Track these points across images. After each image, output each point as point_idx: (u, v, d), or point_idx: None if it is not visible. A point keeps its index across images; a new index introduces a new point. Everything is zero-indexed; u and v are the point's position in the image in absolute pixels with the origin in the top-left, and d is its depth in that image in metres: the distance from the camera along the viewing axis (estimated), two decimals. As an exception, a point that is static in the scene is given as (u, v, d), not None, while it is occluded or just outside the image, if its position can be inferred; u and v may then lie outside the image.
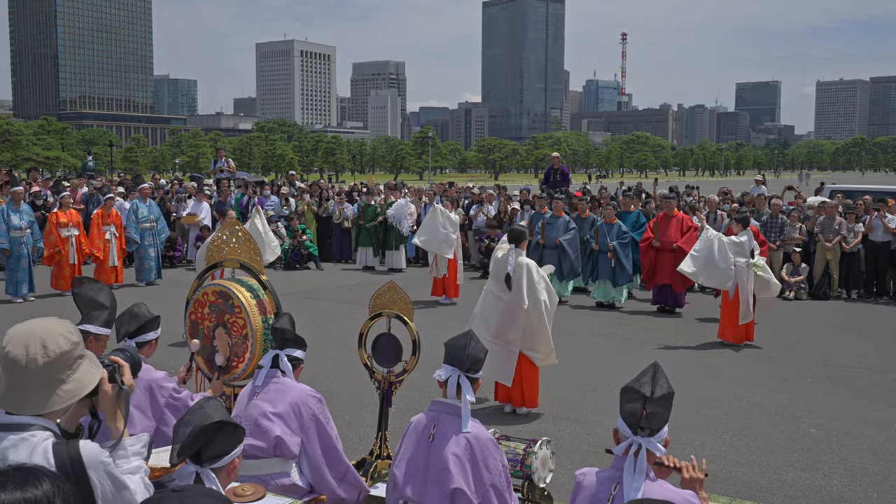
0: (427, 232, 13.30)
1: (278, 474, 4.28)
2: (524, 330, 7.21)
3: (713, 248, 10.52)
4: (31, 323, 2.23)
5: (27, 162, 70.84)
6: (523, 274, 7.14)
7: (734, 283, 10.38)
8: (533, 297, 7.15)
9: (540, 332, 7.25)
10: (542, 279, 7.30)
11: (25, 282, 13.19)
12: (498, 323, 7.24)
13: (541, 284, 7.24)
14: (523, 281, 7.13)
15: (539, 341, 7.28)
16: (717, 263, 10.47)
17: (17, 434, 2.13)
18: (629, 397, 3.07)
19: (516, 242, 7.33)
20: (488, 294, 7.41)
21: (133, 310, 4.48)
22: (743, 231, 10.60)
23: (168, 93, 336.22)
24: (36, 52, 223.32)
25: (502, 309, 7.24)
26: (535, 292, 7.17)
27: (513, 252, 7.26)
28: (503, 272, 7.22)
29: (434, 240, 13.18)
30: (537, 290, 7.19)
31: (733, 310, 10.42)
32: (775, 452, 6.55)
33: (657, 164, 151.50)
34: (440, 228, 13.10)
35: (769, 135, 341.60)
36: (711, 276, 10.71)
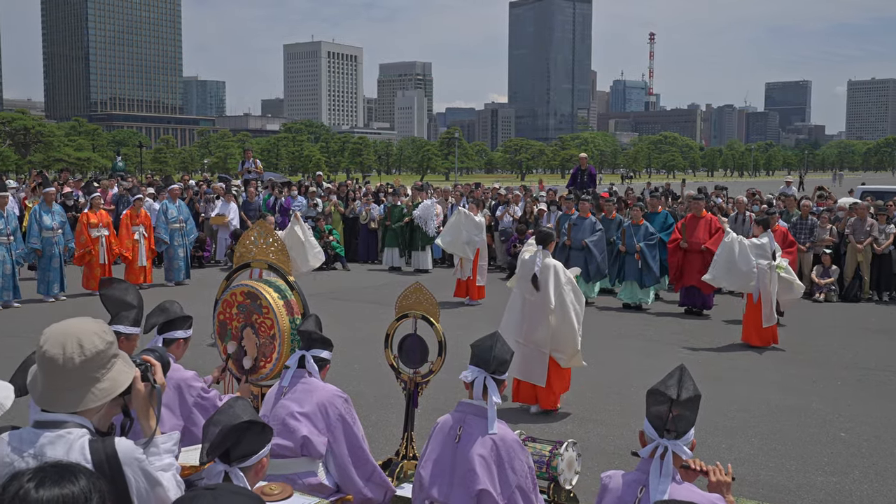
0: (450, 234, 13.34)
1: (305, 474, 4.31)
2: (552, 331, 7.26)
3: (734, 252, 10.45)
4: (66, 322, 2.27)
5: (59, 163, 71.75)
6: (550, 275, 7.21)
7: (757, 286, 10.31)
8: (559, 298, 7.21)
9: (566, 333, 7.28)
10: (570, 281, 7.37)
11: (57, 281, 13.38)
12: (527, 324, 7.32)
13: (568, 286, 7.31)
14: (550, 282, 7.19)
15: (564, 342, 7.32)
16: (739, 266, 10.39)
17: (53, 431, 2.17)
18: (655, 400, 3.06)
19: (543, 244, 7.40)
20: (516, 295, 7.50)
21: (164, 305, 4.55)
22: (764, 233, 10.58)
23: (197, 94, 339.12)
24: (67, 54, 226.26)
25: (530, 310, 7.32)
26: (561, 293, 7.23)
27: (540, 253, 7.33)
28: (530, 273, 7.29)
29: (457, 242, 13.20)
30: (564, 291, 7.26)
31: (757, 313, 10.35)
32: (804, 456, 6.49)
33: (685, 164, 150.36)
34: (463, 231, 13.13)
35: (799, 135, 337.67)
36: (734, 279, 10.65)
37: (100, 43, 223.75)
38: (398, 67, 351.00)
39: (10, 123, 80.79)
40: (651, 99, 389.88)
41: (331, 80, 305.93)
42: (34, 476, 1.74)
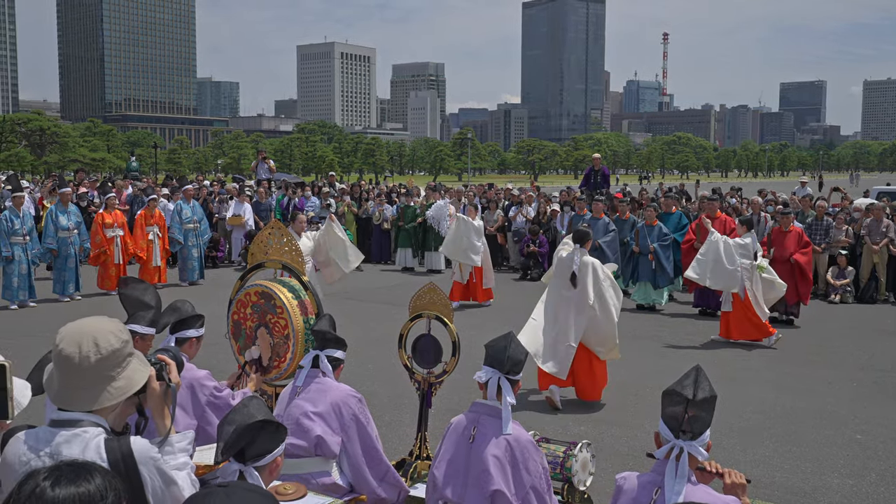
0: (452, 242, 13.09)
1: (319, 473, 4.32)
2: (590, 325, 7.53)
3: (720, 251, 10.54)
4: (82, 321, 2.28)
5: (74, 164, 72.24)
6: (588, 272, 7.51)
7: (742, 286, 10.43)
8: (598, 294, 7.51)
9: (605, 328, 7.57)
10: (608, 277, 7.65)
11: (72, 281, 13.46)
12: (563, 320, 7.57)
13: (606, 282, 7.60)
14: (588, 279, 7.48)
15: (604, 336, 7.61)
16: (724, 266, 10.48)
17: (70, 430, 2.18)
18: (671, 400, 3.04)
19: (581, 242, 7.67)
20: (552, 292, 7.77)
21: (176, 304, 4.56)
22: (747, 233, 10.69)
23: (210, 95, 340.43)
24: (83, 55, 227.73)
25: (564, 305, 7.59)
26: (600, 289, 7.53)
27: (578, 251, 7.61)
28: (568, 271, 7.57)
29: (458, 249, 12.99)
30: (603, 287, 7.55)
31: (743, 310, 10.48)
32: (820, 458, 6.44)
33: (699, 165, 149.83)
34: (463, 238, 12.90)
35: (814, 135, 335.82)
36: (718, 278, 10.69)
37: (114, 44, 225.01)
38: (411, 68, 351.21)
39: (26, 124, 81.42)
40: (665, 99, 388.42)
41: (344, 80, 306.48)
42: (50, 475, 1.74)
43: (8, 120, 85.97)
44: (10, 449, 2.21)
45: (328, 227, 9.94)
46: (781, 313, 12.06)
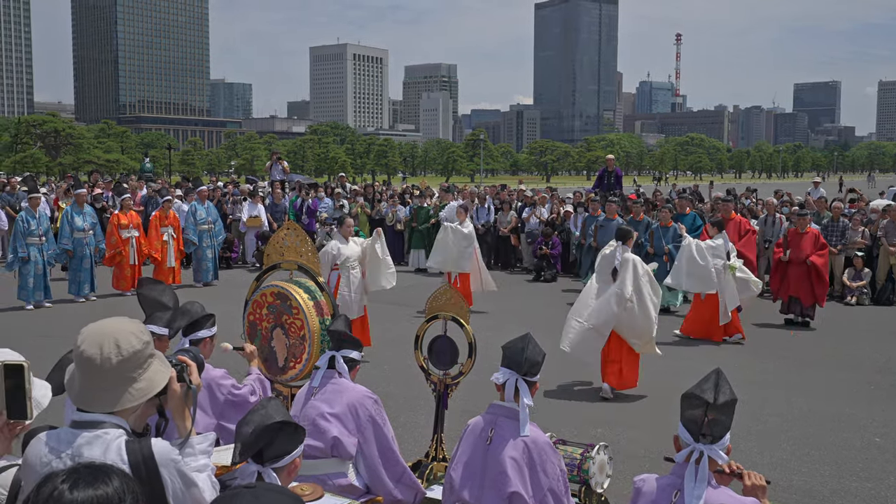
0: (440, 252, 12.51)
1: (336, 474, 4.31)
2: (627, 318, 7.89)
3: (693, 254, 10.71)
4: (104, 322, 2.28)
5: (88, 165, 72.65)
6: (629, 268, 7.94)
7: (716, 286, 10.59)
8: (637, 289, 7.90)
9: (642, 322, 7.97)
10: (647, 273, 8.09)
11: (87, 282, 13.52)
12: (596, 310, 7.96)
13: (645, 278, 8.03)
14: (629, 274, 7.90)
15: (640, 329, 7.99)
16: (699, 268, 10.63)
17: (91, 431, 2.17)
18: (691, 404, 3.02)
19: (623, 240, 8.18)
20: (591, 284, 8.26)
21: (185, 307, 4.57)
22: (718, 234, 10.90)
23: (224, 96, 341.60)
24: (97, 57, 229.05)
25: (603, 297, 7.99)
26: (640, 285, 7.93)
27: (620, 248, 8.11)
28: (610, 266, 8.07)
29: (448, 259, 12.42)
30: (642, 283, 7.96)
31: (704, 309, 10.74)
32: (838, 461, 6.39)
33: (712, 166, 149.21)
34: (453, 247, 12.36)
35: (828, 136, 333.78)
36: (694, 282, 10.83)
37: (128, 46, 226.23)
38: (423, 69, 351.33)
39: (41, 126, 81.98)
40: (678, 100, 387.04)
41: (356, 82, 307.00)
42: (68, 477, 1.74)
43: (23, 122, 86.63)
44: (31, 450, 2.21)
45: (372, 241, 9.71)
46: (797, 315, 11.99)
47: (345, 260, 9.40)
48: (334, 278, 9.36)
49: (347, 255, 9.45)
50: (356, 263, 9.51)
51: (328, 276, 9.35)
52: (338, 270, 9.38)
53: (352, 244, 9.62)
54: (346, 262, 9.40)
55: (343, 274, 9.37)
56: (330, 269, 9.35)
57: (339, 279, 9.35)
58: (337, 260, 9.39)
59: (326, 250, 9.52)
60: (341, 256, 9.41)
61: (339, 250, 9.45)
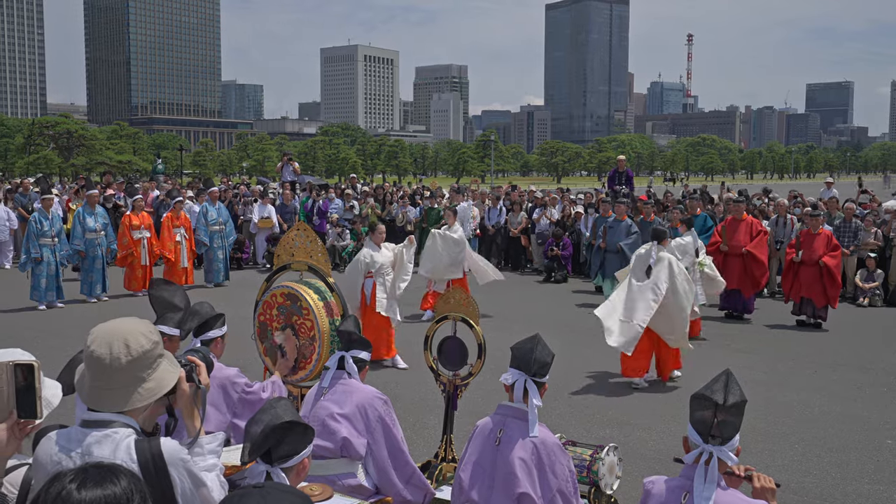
0: (430, 260, 11.82)
1: (345, 475, 4.32)
2: (661, 314, 8.21)
3: None
4: (113, 322, 2.29)
5: (100, 166, 73.01)
6: (664, 266, 8.31)
7: None
8: (672, 287, 8.25)
9: (675, 317, 8.33)
10: (682, 271, 8.50)
11: (99, 282, 13.58)
12: (632, 304, 8.32)
13: (680, 276, 8.39)
14: (664, 271, 8.27)
15: (674, 325, 8.36)
16: None
17: (101, 431, 2.19)
18: (700, 405, 3.01)
19: (658, 239, 8.58)
20: (626, 281, 8.59)
21: (195, 307, 4.59)
22: (687, 232, 11.22)
23: (235, 98, 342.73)
24: (109, 59, 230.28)
25: (637, 292, 8.35)
26: (674, 283, 8.28)
27: (655, 247, 8.50)
28: (645, 264, 8.44)
29: (438, 268, 11.75)
30: (677, 281, 8.31)
31: None
32: (850, 463, 6.36)
33: (724, 166, 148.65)
34: (444, 254, 11.73)
35: (841, 137, 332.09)
36: None
37: (141, 48, 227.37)
38: (434, 70, 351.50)
39: (54, 127, 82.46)
40: (689, 101, 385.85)
41: (367, 83, 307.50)
42: (76, 477, 1.74)
43: (36, 123, 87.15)
44: (41, 449, 2.23)
45: (404, 247, 9.55)
46: (809, 317, 11.93)
47: (379, 267, 9.23)
48: (369, 286, 9.20)
49: (381, 262, 9.27)
50: (390, 269, 9.35)
51: (362, 283, 9.21)
52: (372, 278, 9.21)
53: (384, 251, 9.43)
54: (380, 269, 9.23)
55: (378, 281, 9.20)
56: (363, 276, 9.20)
57: (374, 286, 9.17)
58: (371, 267, 9.21)
59: (358, 258, 9.33)
60: (375, 264, 9.23)
61: (373, 258, 9.25)
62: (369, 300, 9.22)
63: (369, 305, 9.21)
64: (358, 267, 9.25)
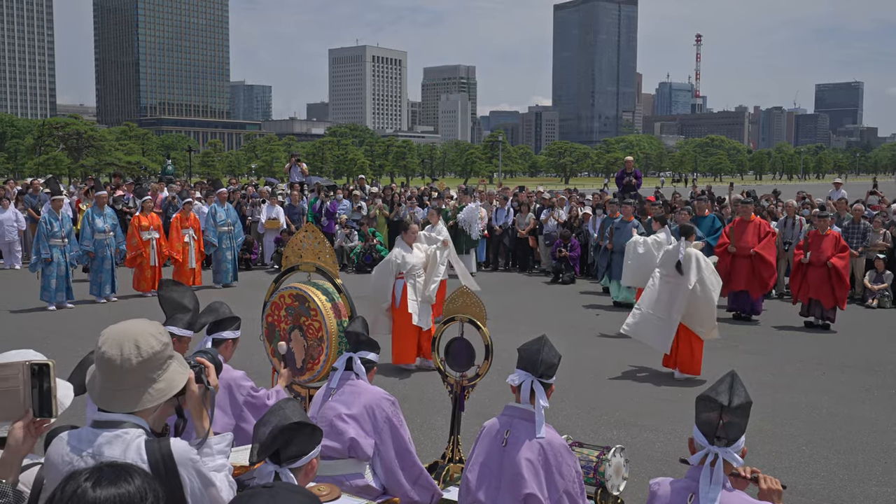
0: None
1: (353, 475, 4.34)
2: (690, 308, 8.58)
3: (639, 252, 11.29)
4: (124, 324, 2.32)
5: (110, 167, 73.27)
6: (692, 261, 8.60)
7: None
8: (700, 280, 8.56)
9: (704, 310, 8.65)
10: (709, 266, 8.76)
11: (108, 283, 13.64)
12: (666, 301, 8.71)
13: (707, 270, 8.67)
14: (692, 266, 8.57)
15: (703, 318, 8.69)
16: (647, 264, 10.88)
17: (111, 431, 2.22)
18: (705, 406, 3.02)
19: (685, 236, 8.83)
20: (656, 278, 8.94)
21: (213, 305, 4.62)
22: (661, 229, 11.57)
23: (244, 99, 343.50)
24: (118, 60, 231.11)
25: (670, 290, 8.71)
26: (702, 277, 8.59)
27: (682, 243, 8.75)
28: (674, 260, 8.73)
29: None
30: (704, 274, 8.61)
31: None
32: (857, 465, 6.35)
33: (732, 167, 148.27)
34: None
35: (850, 137, 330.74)
36: (642, 278, 10.87)
37: (149, 49, 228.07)
38: (442, 71, 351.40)
39: (64, 128, 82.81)
40: (697, 101, 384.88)
41: (375, 84, 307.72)
42: (91, 476, 1.77)
43: (46, 124, 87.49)
44: (53, 449, 2.26)
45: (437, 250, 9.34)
46: (817, 318, 11.90)
47: (410, 268, 8.95)
48: (399, 288, 8.93)
49: (413, 263, 9.00)
50: (421, 271, 9.10)
51: (392, 285, 8.94)
52: (403, 279, 8.94)
53: (416, 251, 9.16)
54: (411, 270, 8.95)
55: (409, 283, 8.92)
56: (394, 277, 8.95)
57: (405, 288, 8.91)
58: (402, 269, 8.94)
59: (390, 258, 9.06)
60: (406, 265, 8.95)
61: (404, 258, 8.98)
62: (399, 302, 8.95)
63: (399, 308, 8.93)
64: (389, 268, 8.99)
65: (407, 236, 9.18)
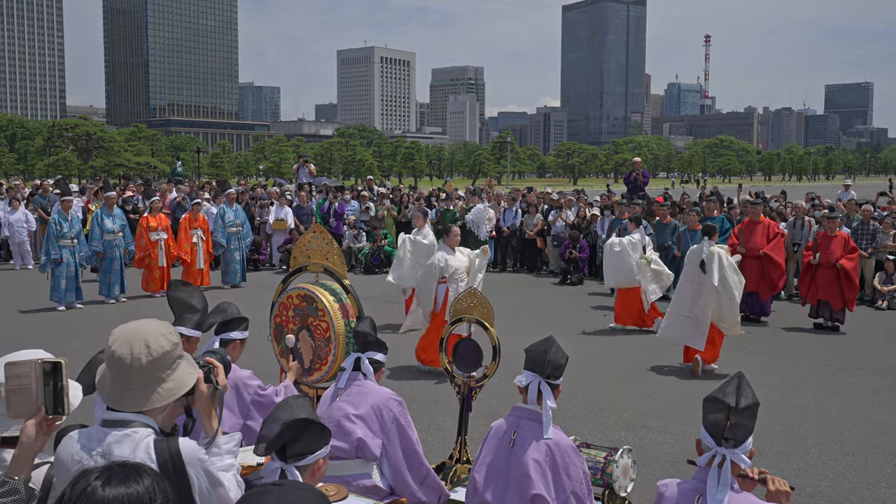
0: (398, 267, 10.61)
1: (360, 476, 4.34)
2: (716, 305, 8.91)
3: (615, 252, 11.55)
4: (134, 324, 2.33)
5: (119, 168, 73.57)
6: (715, 259, 8.87)
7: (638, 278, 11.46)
8: (722, 278, 8.86)
9: (728, 307, 8.97)
10: (731, 264, 9.03)
11: (117, 283, 13.69)
12: (692, 300, 9.06)
13: (730, 269, 8.96)
14: (715, 265, 8.86)
15: (727, 314, 9.01)
16: (624, 264, 11.44)
17: (120, 430, 2.23)
18: (713, 407, 3.02)
19: (709, 235, 9.15)
20: (684, 278, 9.34)
21: (222, 305, 4.63)
22: (636, 229, 11.90)
23: (252, 100, 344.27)
24: (128, 61, 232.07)
25: (696, 288, 9.05)
26: (725, 275, 8.89)
27: (706, 243, 9.05)
28: (698, 259, 9.03)
29: (411, 275, 10.24)
30: (727, 272, 8.92)
31: (627, 299, 11.56)
32: (867, 467, 6.33)
33: (741, 168, 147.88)
34: (410, 259, 10.47)
35: (860, 138, 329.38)
36: (621, 277, 11.58)
37: (159, 50, 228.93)
38: (450, 72, 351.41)
39: (74, 129, 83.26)
40: (706, 102, 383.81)
41: (384, 84, 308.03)
42: (101, 474, 1.79)
43: (56, 125, 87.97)
44: (63, 448, 2.28)
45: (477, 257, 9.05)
46: (826, 319, 11.86)
47: (453, 272, 8.70)
48: (441, 292, 8.68)
49: (456, 266, 8.76)
50: (464, 275, 8.87)
51: (435, 289, 8.72)
52: (445, 283, 8.69)
53: (459, 255, 8.91)
54: (454, 274, 8.70)
55: (452, 287, 8.62)
56: (437, 281, 8.72)
57: (447, 292, 8.63)
58: (445, 272, 8.70)
59: (433, 262, 8.81)
60: (449, 268, 8.71)
61: (447, 262, 8.74)
62: (440, 307, 8.68)
63: (439, 312, 8.64)
64: (432, 271, 8.77)
65: (449, 239, 8.95)
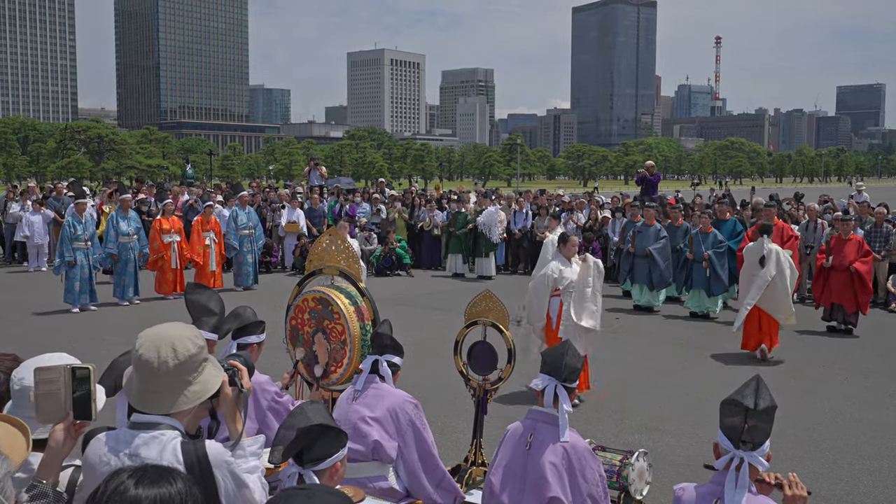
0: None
1: (376, 478, 4.36)
2: (771, 296, 9.77)
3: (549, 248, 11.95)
4: (161, 327, 2.36)
5: (130, 170, 73.91)
6: (772, 255, 9.82)
7: None
8: (780, 272, 9.76)
9: (782, 299, 9.84)
10: (787, 259, 9.93)
11: (131, 286, 13.75)
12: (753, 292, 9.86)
13: (785, 263, 9.85)
14: (772, 259, 9.79)
15: (782, 305, 9.85)
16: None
17: (148, 432, 2.26)
18: (730, 410, 3.01)
19: (766, 234, 10.02)
20: (745, 273, 10.20)
21: (237, 310, 4.65)
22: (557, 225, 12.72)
23: (263, 102, 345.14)
24: (139, 64, 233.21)
25: (750, 280, 9.97)
26: (781, 269, 9.79)
27: (765, 240, 9.94)
28: (757, 255, 9.90)
29: None
30: (783, 267, 9.81)
31: None
32: (882, 471, 6.31)
33: (752, 170, 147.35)
34: None
35: (872, 140, 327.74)
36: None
37: (170, 53, 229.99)
38: (460, 74, 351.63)
39: (85, 132, 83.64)
40: (717, 104, 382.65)
41: (393, 87, 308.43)
42: (134, 474, 1.82)
43: (68, 128, 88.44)
44: (91, 450, 2.31)
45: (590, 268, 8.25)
46: (840, 323, 11.82)
47: (568, 284, 7.94)
48: (555, 306, 7.98)
49: (571, 278, 7.97)
50: (581, 289, 8.10)
51: (548, 302, 7.99)
52: (559, 296, 7.97)
53: (575, 266, 8.10)
54: (569, 286, 7.95)
55: (566, 300, 7.95)
56: (550, 294, 7.98)
57: (561, 306, 7.96)
58: (559, 284, 7.93)
59: (546, 273, 8.04)
60: (564, 281, 7.92)
61: (562, 273, 7.94)
62: (555, 323, 8.00)
63: (554, 329, 7.97)
64: (545, 283, 8.00)
65: (566, 249, 8.10)
